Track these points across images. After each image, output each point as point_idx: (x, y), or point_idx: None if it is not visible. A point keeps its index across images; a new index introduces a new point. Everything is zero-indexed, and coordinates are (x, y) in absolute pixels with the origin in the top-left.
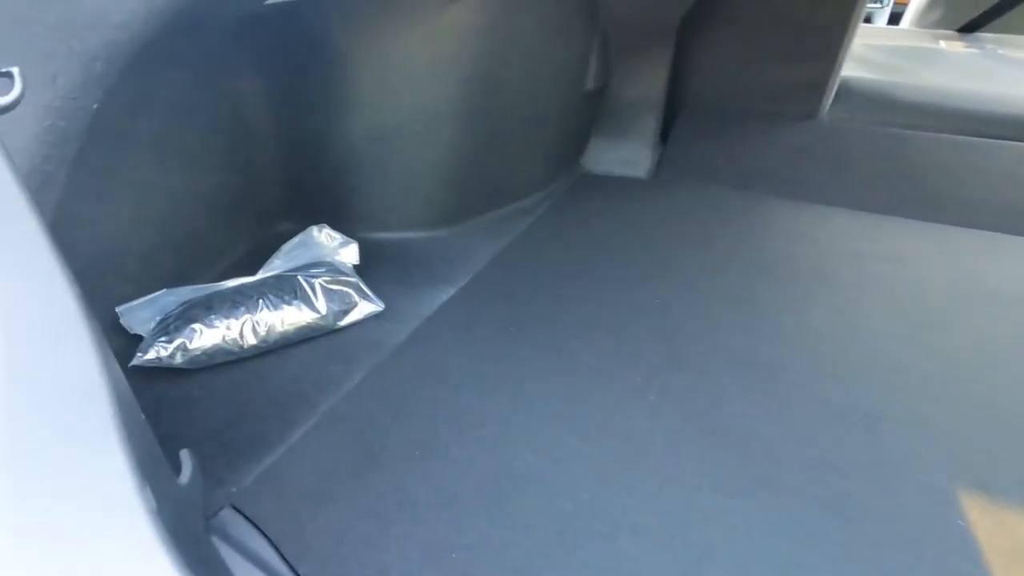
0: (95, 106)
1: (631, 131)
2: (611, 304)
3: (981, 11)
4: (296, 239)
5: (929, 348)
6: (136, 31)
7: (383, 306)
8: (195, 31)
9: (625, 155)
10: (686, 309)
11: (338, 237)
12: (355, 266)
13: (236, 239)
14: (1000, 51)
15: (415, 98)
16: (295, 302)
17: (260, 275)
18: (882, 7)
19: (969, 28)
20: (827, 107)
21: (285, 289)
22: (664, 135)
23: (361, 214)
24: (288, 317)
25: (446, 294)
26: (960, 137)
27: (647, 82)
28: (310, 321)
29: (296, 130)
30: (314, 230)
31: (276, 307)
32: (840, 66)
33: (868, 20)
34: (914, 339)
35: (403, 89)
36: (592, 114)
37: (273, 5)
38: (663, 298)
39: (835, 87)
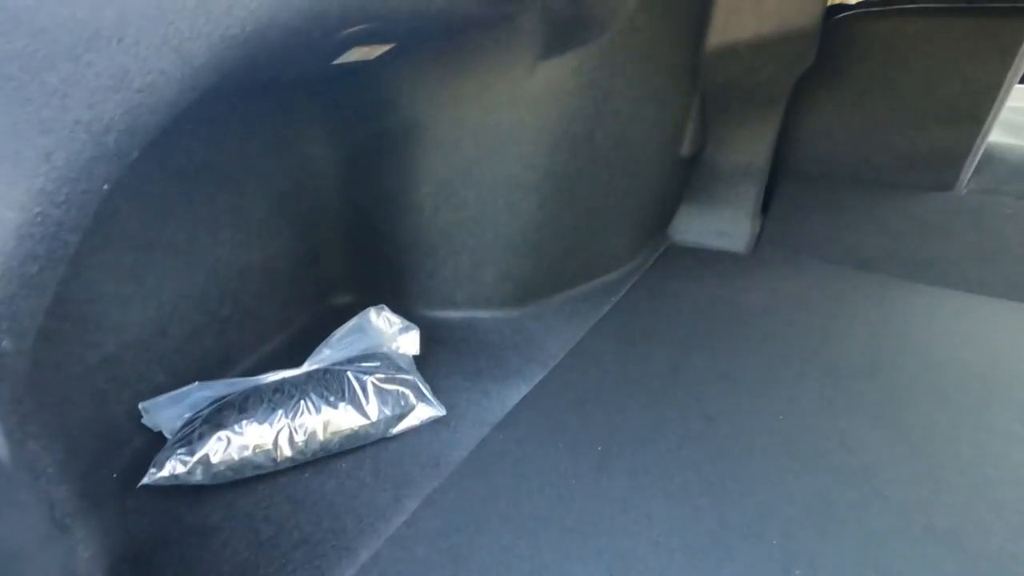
0: (105, 187)
1: (728, 200)
2: (717, 419)
3: None
4: (351, 323)
5: None
6: (167, 96)
7: (444, 411)
8: (252, 92)
9: (720, 226)
10: (818, 434)
11: (397, 322)
12: (425, 356)
13: (289, 315)
14: None
15: (495, 165)
16: (342, 404)
17: (306, 367)
18: None
19: None
20: (967, 178)
21: (332, 387)
22: (764, 206)
23: (426, 290)
24: (333, 422)
25: (518, 393)
26: None
27: (749, 148)
28: (357, 428)
29: (363, 197)
30: (372, 313)
31: (319, 410)
32: (988, 131)
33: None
34: None
35: (482, 156)
36: (684, 180)
37: (343, 65)
38: (785, 415)
39: (978, 155)
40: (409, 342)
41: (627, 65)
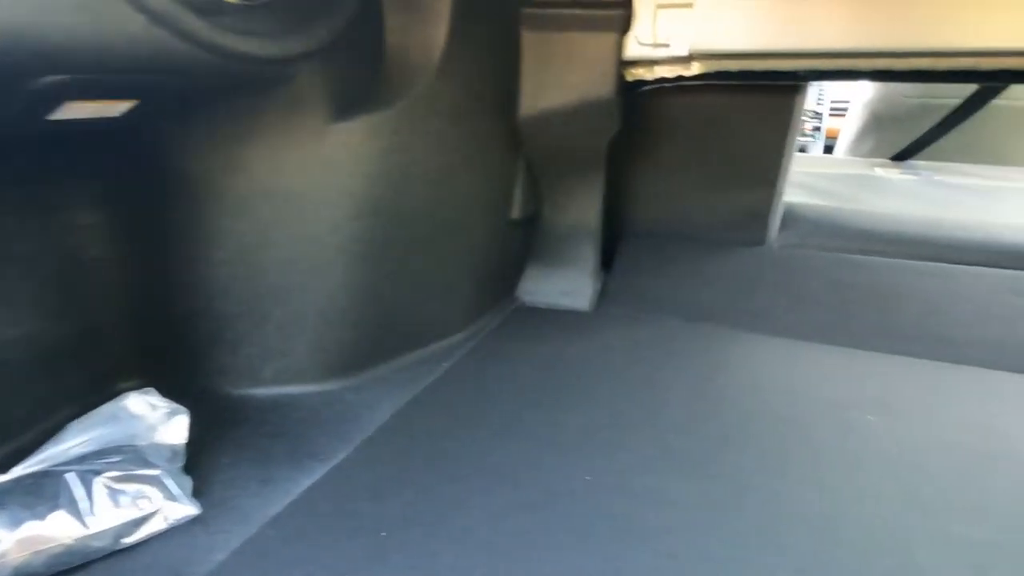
0: None
1: (569, 260)
2: (524, 486)
3: (911, 140)
4: (97, 412)
5: (950, 541)
6: None
7: (198, 510)
8: None
9: (564, 285)
10: (627, 493)
11: (164, 406)
12: (199, 442)
13: (54, 406)
14: (936, 177)
15: (295, 229)
16: (53, 513)
17: (17, 471)
18: (815, 140)
19: (902, 156)
20: (774, 234)
21: (44, 493)
22: (609, 263)
23: (229, 366)
24: (36, 538)
25: (309, 478)
26: (927, 263)
27: (581, 209)
28: (73, 542)
29: (147, 267)
30: (130, 398)
31: (17, 524)
32: (781, 192)
33: (802, 151)
34: (929, 529)
35: (280, 219)
36: (525, 242)
37: (102, 121)
38: (596, 474)
39: (780, 213)
40: (174, 430)
41: (432, 130)
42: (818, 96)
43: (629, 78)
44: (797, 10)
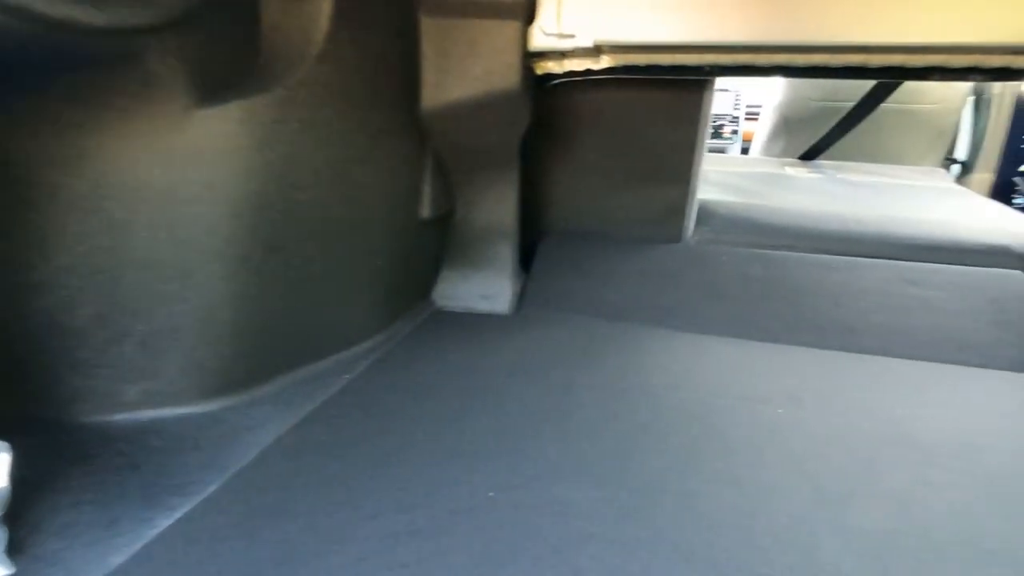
0: None
1: (486, 261)
2: (418, 508)
3: (817, 140)
4: None
5: (852, 533)
6: None
7: (10, 569)
8: None
9: (482, 288)
10: (532, 505)
11: None
12: (37, 482)
13: None
14: (839, 175)
15: (158, 231)
16: None
17: None
18: (733, 142)
19: (808, 156)
20: (690, 230)
21: None
22: (529, 263)
23: (83, 390)
24: None
25: (168, 517)
26: (830, 256)
27: (496, 208)
28: None
29: None
30: None
31: None
32: (694, 189)
33: (721, 152)
34: (832, 522)
35: (137, 219)
36: (439, 244)
37: None
38: (500, 488)
39: (694, 210)
40: None
41: (319, 120)
42: (735, 101)
43: (539, 71)
44: (701, 4)
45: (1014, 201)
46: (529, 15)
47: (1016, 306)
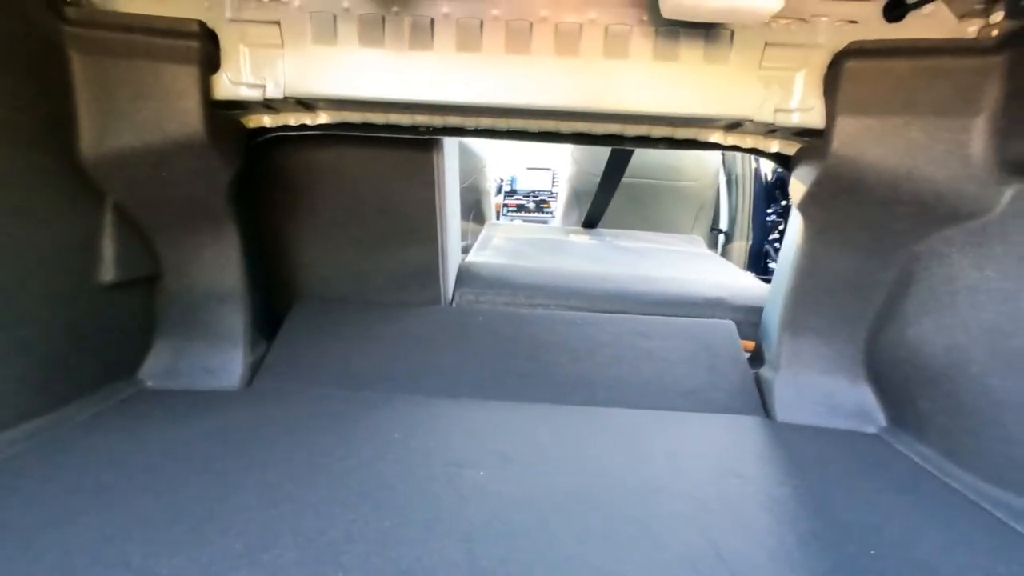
0: None
1: (210, 330)
2: None
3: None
4: None
5: None
6: None
7: None
8: None
9: (203, 361)
10: None
11: None
12: None
13: None
14: (615, 241)
15: None
16: None
17: None
18: (553, 216)
19: (588, 224)
20: (450, 292)
21: None
22: (271, 334)
23: None
24: None
25: None
26: (576, 314)
27: (215, 270)
28: None
29: None
30: None
31: None
32: (448, 250)
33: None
34: None
35: None
36: (141, 313)
37: None
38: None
39: (452, 272)
40: None
41: None
42: (553, 178)
43: (250, 124)
44: (397, 62)
45: (769, 266)
46: (208, 61)
47: (726, 352)
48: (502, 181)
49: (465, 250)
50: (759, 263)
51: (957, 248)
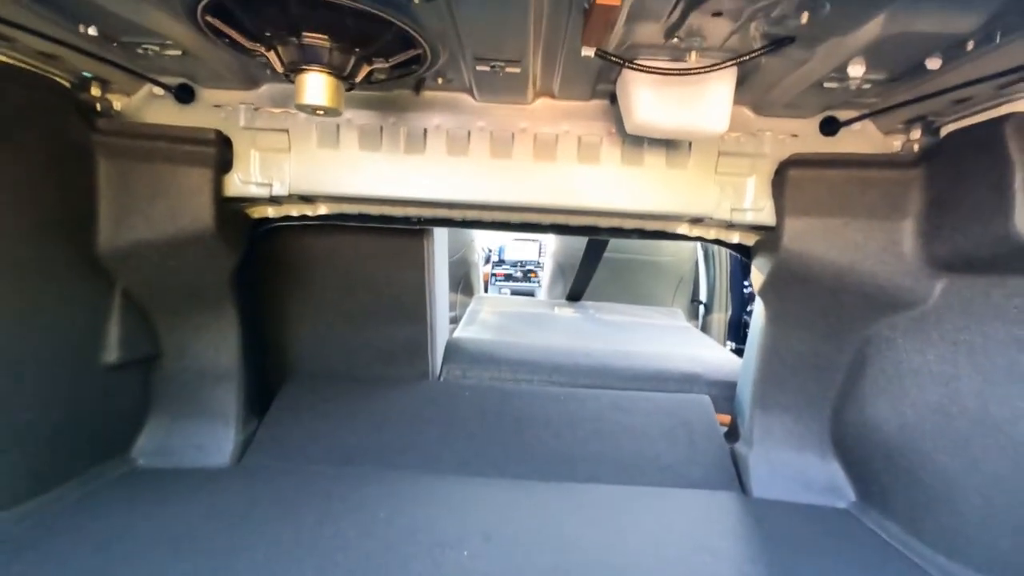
0: None
1: (203, 408)
2: None
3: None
4: None
5: None
6: None
7: None
8: None
9: (197, 439)
10: None
11: None
12: None
13: None
14: (598, 314)
15: None
16: None
17: None
18: (539, 286)
19: (572, 297)
20: (438, 367)
21: None
22: (262, 410)
23: None
24: None
25: None
26: (558, 389)
27: (213, 350)
28: None
29: None
30: None
31: None
32: (436, 327)
33: (531, 295)
34: None
35: None
36: (137, 392)
37: None
38: None
39: (439, 348)
40: None
41: None
42: (540, 249)
43: (255, 215)
44: (376, 166)
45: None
46: (221, 164)
47: (702, 427)
48: (490, 251)
49: (454, 320)
50: (738, 332)
51: (901, 334)
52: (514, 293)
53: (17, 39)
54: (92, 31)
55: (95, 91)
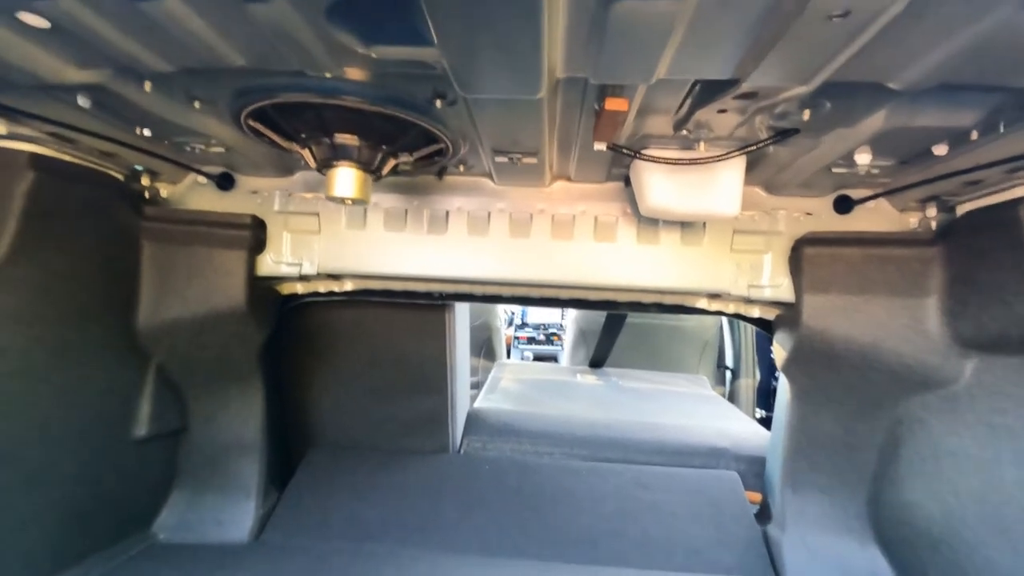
0: None
1: (225, 482)
2: None
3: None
4: None
5: None
6: None
7: None
8: None
9: (217, 513)
10: None
11: None
12: None
13: None
14: (620, 381)
15: None
16: None
17: None
18: (562, 350)
19: (595, 364)
20: (458, 439)
21: None
22: (283, 484)
23: None
24: None
25: None
26: (579, 463)
27: (238, 423)
28: None
29: None
30: None
31: None
32: (457, 399)
33: (554, 359)
34: None
35: None
36: (163, 466)
37: None
38: None
39: (460, 419)
40: None
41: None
42: (562, 312)
43: (284, 291)
44: (400, 246)
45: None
46: (255, 245)
47: (731, 507)
48: (513, 315)
49: (476, 386)
50: (767, 400)
51: (934, 414)
52: (536, 357)
53: (81, 140)
54: (147, 132)
55: (145, 181)
